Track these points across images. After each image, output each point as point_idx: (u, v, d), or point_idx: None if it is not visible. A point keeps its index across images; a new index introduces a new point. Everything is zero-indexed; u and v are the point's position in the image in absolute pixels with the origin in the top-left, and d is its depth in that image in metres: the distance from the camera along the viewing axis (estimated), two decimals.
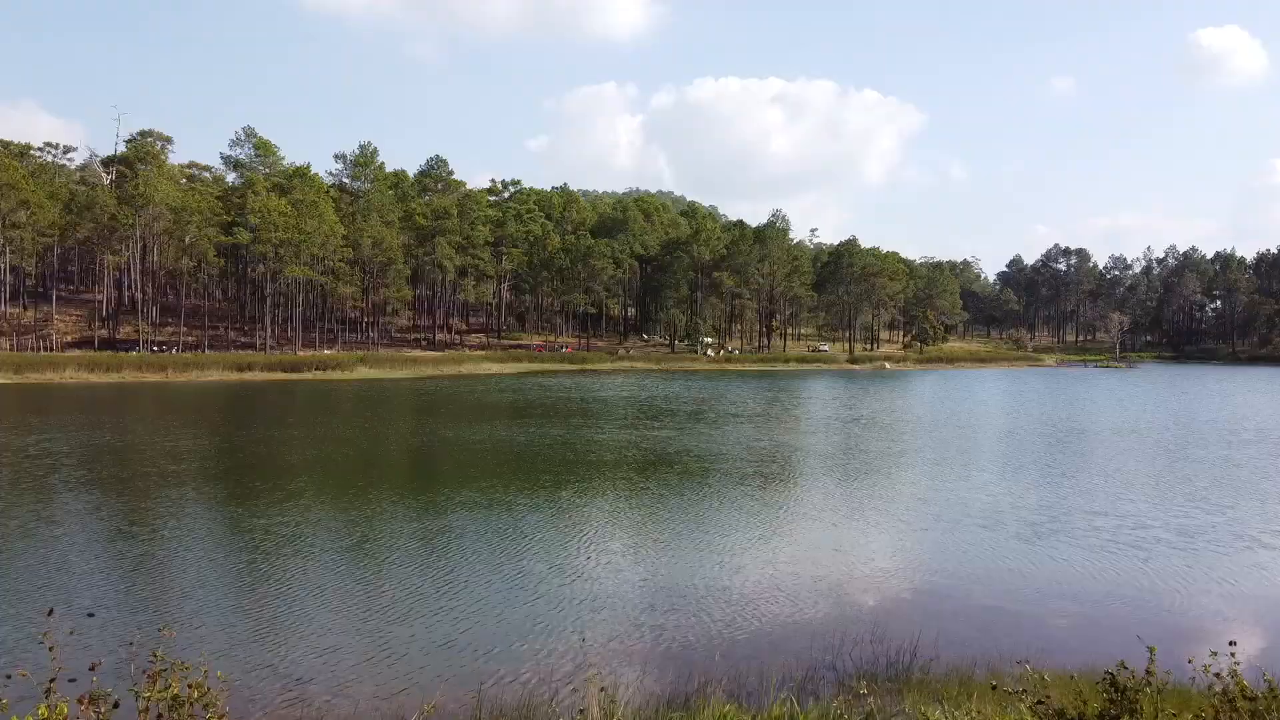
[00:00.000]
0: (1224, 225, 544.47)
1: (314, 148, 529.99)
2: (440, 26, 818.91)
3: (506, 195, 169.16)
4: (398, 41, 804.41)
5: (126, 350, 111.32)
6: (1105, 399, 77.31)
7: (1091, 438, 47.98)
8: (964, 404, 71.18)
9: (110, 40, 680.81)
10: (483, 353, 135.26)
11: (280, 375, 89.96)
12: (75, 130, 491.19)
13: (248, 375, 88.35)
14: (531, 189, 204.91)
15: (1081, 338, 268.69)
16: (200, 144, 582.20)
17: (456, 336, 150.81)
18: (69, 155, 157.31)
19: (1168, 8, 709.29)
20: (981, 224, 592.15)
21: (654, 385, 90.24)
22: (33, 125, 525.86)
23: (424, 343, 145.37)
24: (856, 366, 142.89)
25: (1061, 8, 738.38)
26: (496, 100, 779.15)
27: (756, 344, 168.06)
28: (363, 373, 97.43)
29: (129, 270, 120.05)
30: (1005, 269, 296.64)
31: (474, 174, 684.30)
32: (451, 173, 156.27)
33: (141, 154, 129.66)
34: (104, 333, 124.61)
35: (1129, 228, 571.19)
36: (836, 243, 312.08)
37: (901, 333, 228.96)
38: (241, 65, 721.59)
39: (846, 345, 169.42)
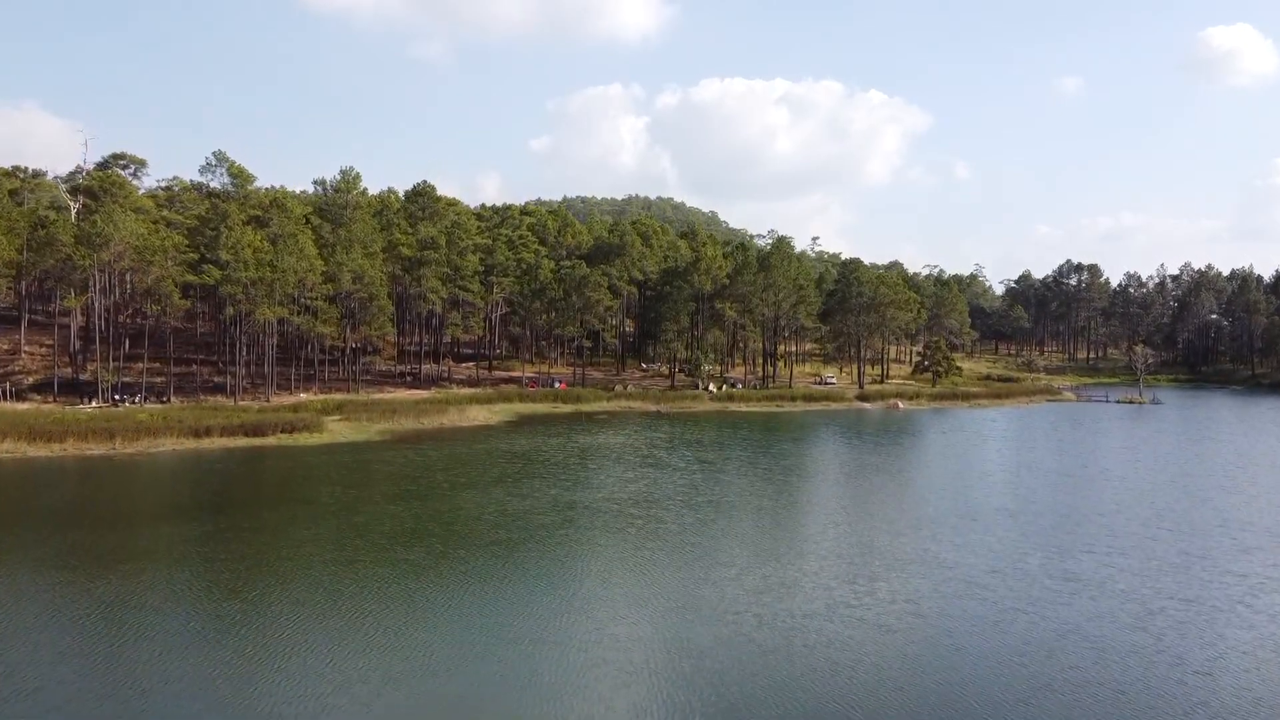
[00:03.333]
0: (1228, 225, 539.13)
1: (315, 148, 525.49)
2: (448, 27, 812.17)
3: (498, 221, 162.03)
4: (404, 42, 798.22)
5: (88, 396, 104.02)
6: (1148, 481, 69.38)
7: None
8: (994, 500, 63.21)
9: (114, 41, 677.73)
10: (471, 391, 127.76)
11: (242, 440, 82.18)
12: (78, 131, 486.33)
13: (205, 442, 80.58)
14: (525, 210, 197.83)
15: (1093, 355, 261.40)
16: (202, 147, 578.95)
17: (445, 369, 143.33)
18: (38, 179, 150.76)
19: (1178, 5, 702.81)
20: (985, 225, 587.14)
21: (651, 450, 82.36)
22: (35, 126, 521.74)
23: (409, 378, 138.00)
24: (867, 405, 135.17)
25: (1070, 6, 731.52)
26: (501, 101, 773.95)
27: (760, 373, 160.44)
28: (334, 431, 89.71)
29: (92, 309, 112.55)
30: (1014, 284, 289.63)
31: (475, 174, 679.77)
32: (439, 200, 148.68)
33: (106, 184, 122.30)
34: (69, 370, 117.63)
35: (1132, 227, 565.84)
36: (839, 251, 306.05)
37: (910, 347, 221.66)
38: (247, 65, 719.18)
39: (854, 374, 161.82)
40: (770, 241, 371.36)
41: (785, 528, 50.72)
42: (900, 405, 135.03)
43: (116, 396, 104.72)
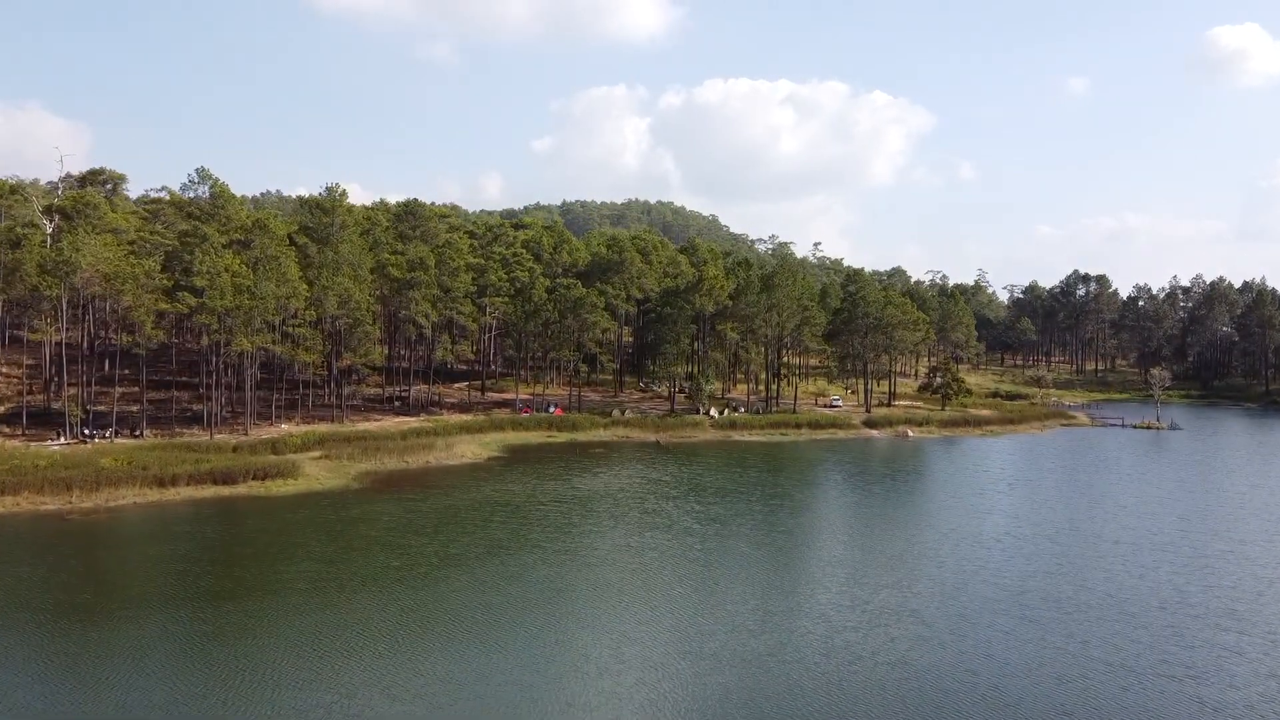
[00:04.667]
0: (1232, 225, 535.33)
1: (317, 148, 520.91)
2: (454, 28, 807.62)
3: (490, 239, 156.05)
4: (410, 43, 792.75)
5: (58, 429, 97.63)
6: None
7: None
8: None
9: (119, 42, 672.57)
10: (461, 419, 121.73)
11: (210, 490, 76.14)
12: (81, 132, 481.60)
13: (169, 493, 74.50)
14: (519, 224, 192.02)
15: (1102, 368, 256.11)
16: (205, 147, 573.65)
17: (435, 394, 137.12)
18: (15, 194, 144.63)
19: (1185, 5, 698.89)
20: (987, 225, 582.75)
21: (654, 501, 76.27)
22: (38, 127, 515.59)
23: (398, 403, 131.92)
24: (875, 433, 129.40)
25: (1076, 6, 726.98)
26: (504, 101, 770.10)
27: (763, 393, 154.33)
28: (310, 476, 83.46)
29: (64, 334, 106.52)
30: (1020, 295, 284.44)
31: (477, 174, 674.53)
32: (430, 217, 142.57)
33: (80, 205, 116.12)
34: (42, 398, 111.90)
35: (1134, 228, 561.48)
36: (841, 257, 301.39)
37: (916, 363, 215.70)
38: (252, 66, 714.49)
39: (860, 396, 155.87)
40: (773, 247, 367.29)
41: (807, 630, 44.77)
42: (910, 434, 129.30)
43: (86, 431, 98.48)
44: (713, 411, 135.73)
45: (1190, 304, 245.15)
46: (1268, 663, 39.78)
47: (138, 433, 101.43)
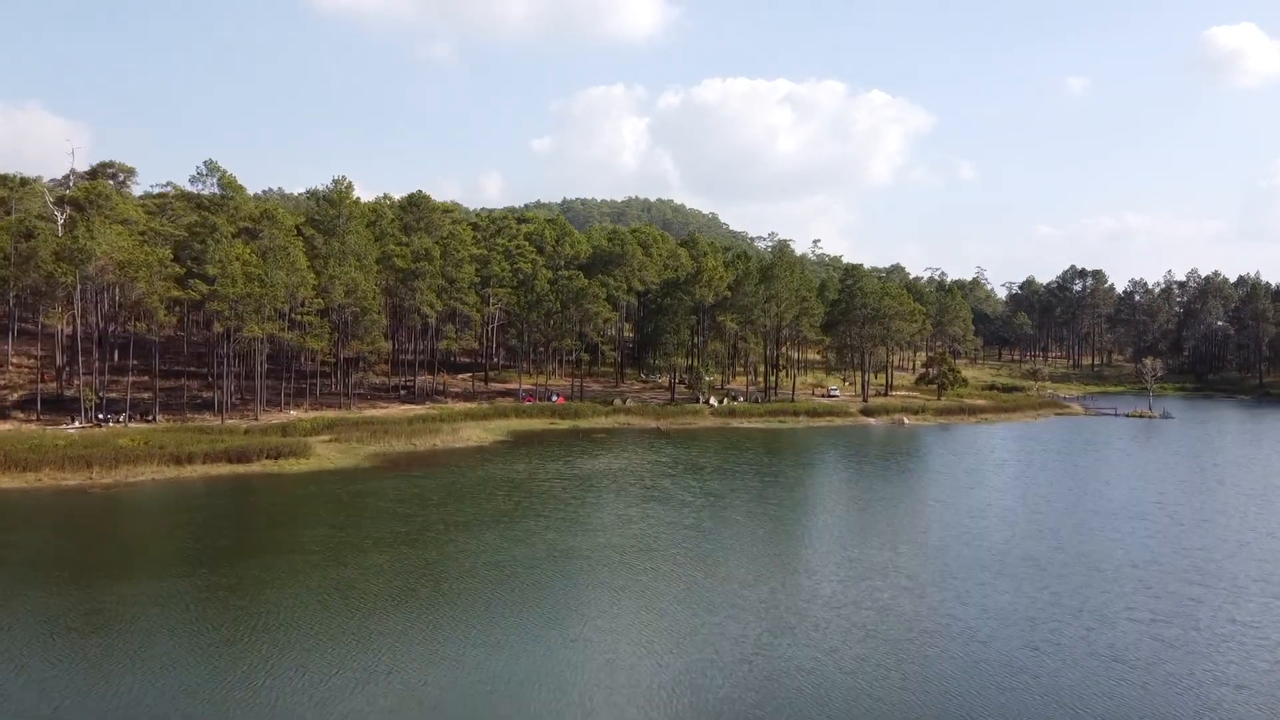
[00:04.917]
0: (1232, 226, 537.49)
1: (318, 148, 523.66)
2: (454, 28, 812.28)
3: (494, 230, 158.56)
4: (410, 43, 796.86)
5: (72, 415, 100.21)
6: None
7: None
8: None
9: (119, 42, 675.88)
10: (465, 406, 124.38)
11: (225, 468, 78.78)
12: (81, 132, 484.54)
13: (186, 470, 77.15)
14: (521, 219, 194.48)
15: (1098, 362, 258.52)
16: (207, 147, 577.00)
17: (439, 383, 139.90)
18: (26, 187, 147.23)
19: (1182, 4, 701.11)
20: (987, 225, 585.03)
21: (653, 478, 78.85)
22: (38, 127, 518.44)
23: (403, 392, 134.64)
24: (872, 421, 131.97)
25: (1074, 6, 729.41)
26: (504, 101, 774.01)
27: (762, 384, 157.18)
28: (322, 456, 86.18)
29: (78, 323, 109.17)
30: (1018, 290, 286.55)
31: (477, 174, 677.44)
32: (434, 209, 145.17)
33: (92, 196, 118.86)
34: (55, 386, 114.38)
35: (1134, 228, 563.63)
36: (840, 254, 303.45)
37: (914, 355, 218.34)
38: (252, 66, 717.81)
39: (858, 387, 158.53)
40: (772, 245, 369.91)
41: (796, 583, 47.36)
42: (905, 421, 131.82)
43: (100, 416, 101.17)
44: (712, 400, 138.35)
45: (1185, 298, 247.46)
46: (1229, 610, 42.32)
47: (150, 417, 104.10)
